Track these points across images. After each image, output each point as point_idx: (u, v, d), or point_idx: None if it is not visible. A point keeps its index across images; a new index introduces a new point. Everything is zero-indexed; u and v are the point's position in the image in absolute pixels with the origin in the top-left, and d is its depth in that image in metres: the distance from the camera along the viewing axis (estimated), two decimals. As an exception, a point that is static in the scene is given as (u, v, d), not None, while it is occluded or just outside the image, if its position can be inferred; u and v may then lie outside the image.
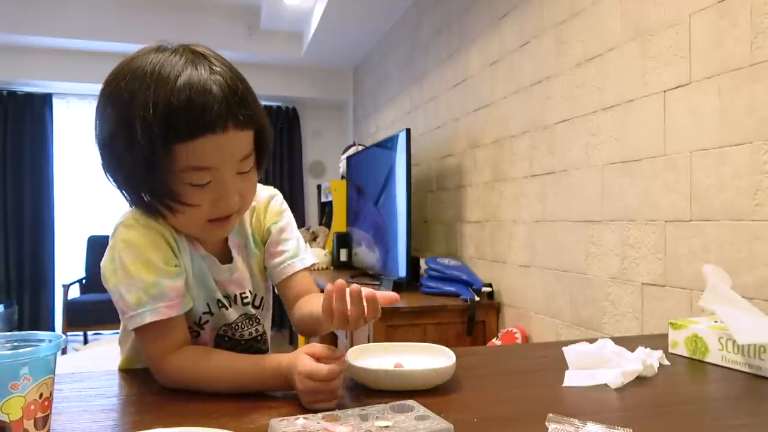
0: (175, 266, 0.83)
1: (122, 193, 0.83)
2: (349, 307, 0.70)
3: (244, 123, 0.77)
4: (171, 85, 0.73)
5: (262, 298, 0.98)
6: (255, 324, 0.96)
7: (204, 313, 0.89)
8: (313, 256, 1.01)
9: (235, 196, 0.80)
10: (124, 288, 0.79)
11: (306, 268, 0.98)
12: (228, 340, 0.92)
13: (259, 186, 0.95)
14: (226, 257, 0.92)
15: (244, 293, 0.94)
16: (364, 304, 0.71)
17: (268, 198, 0.99)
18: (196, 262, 0.87)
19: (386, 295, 0.74)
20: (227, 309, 0.91)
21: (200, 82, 0.74)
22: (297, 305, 0.95)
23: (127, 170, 0.78)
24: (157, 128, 0.73)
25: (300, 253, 0.97)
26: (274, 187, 1.02)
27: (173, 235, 0.84)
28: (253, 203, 0.94)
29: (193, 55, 0.77)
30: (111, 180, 0.82)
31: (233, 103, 0.76)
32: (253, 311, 0.96)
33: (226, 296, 0.91)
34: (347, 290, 0.70)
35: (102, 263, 0.82)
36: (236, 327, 0.93)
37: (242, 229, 0.95)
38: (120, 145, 0.77)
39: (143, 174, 0.76)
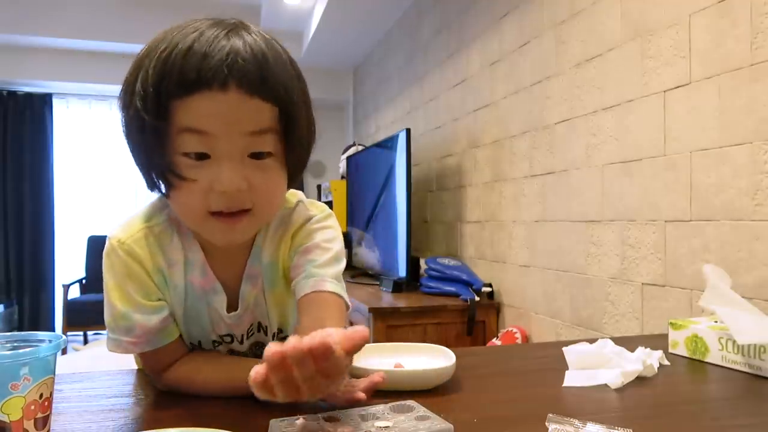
0: (158, 300, 0.74)
1: (142, 174, 0.72)
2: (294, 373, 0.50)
3: (256, 90, 0.64)
4: (183, 36, 0.64)
5: (278, 330, 0.84)
6: (262, 349, 0.82)
7: (191, 343, 0.81)
8: (344, 291, 0.78)
9: (238, 179, 0.65)
10: (105, 304, 0.74)
11: (321, 291, 0.74)
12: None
13: (310, 201, 0.81)
14: (234, 301, 0.79)
15: (263, 324, 0.82)
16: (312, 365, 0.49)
17: (307, 217, 0.80)
18: (192, 300, 0.77)
19: (350, 336, 0.49)
20: (221, 345, 0.82)
21: (212, 35, 0.64)
22: (305, 330, 0.70)
23: (130, 138, 0.68)
24: (153, 84, 0.63)
25: (320, 274, 0.76)
26: None
27: (165, 265, 0.75)
28: (283, 226, 0.79)
29: (227, 21, 0.68)
30: (133, 158, 0.71)
31: (246, 62, 0.63)
32: (262, 339, 0.84)
33: (227, 335, 0.81)
34: (285, 355, 0.48)
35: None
36: (240, 354, 0.84)
37: (263, 254, 0.78)
38: (124, 104, 0.67)
39: (142, 138, 0.66)
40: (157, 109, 0.63)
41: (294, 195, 0.82)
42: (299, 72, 0.72)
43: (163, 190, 0.70)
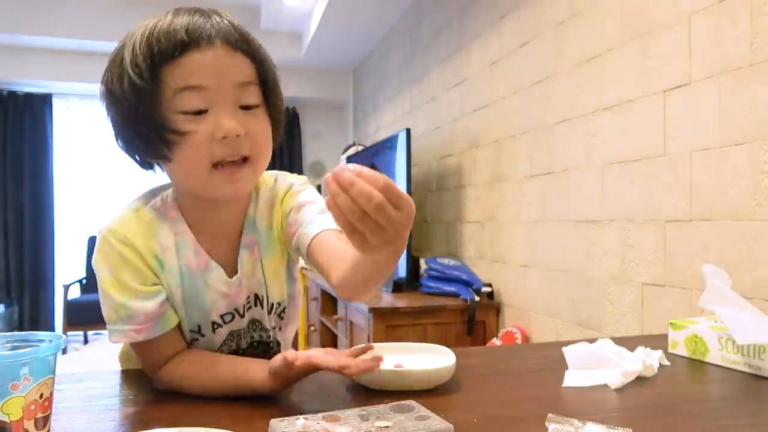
0: (153, 285, 0.77)
1: (132, 156, 0.78)
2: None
3: (238, 45, 0.73)
4: (162, 17, 0.72)
5: (276, 304, 0.88)
6: (261, 330, 0.87)
7: (192, 331, 0.83)
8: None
9: (237, 127, 0.71)
10: (101, 298, 0.77)
11: (330, 229, 0.80)
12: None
13: (285, 173, 0.90)
14: (233, 268, 0.83)
15: (260, 295, 0.86)
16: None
17: (289, 183, 0.88)
18: (187, 282, 0.80)
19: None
20: (222, 327, 0.84)
21: (190, 10, 0.73)
22: (329, 265, 0.76)
23: (124, 112, 0.73)
24: (143, 55, 0.70)
25: (318, 218, 0.82)
26: None
27: (159, 250, 0.78)
28: (272, 194, 0.86)
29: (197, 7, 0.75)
30: (118, 142, 0.77)
31: (222, 24, 0.73)
32: (264, 315, 0.87)
33: (228, 314, 0.84)
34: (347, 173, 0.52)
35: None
36: (238, 337, 0.86)
37: (257, 224, 0.84)
38: (115, 87, 0.72)
39: (136, 108, 0.71)
40: (151, 75, 0.70)
41: (271, 174, 0.89)
42: None
43: (161, 164, 0.77)
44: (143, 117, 0.71)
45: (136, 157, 0.78)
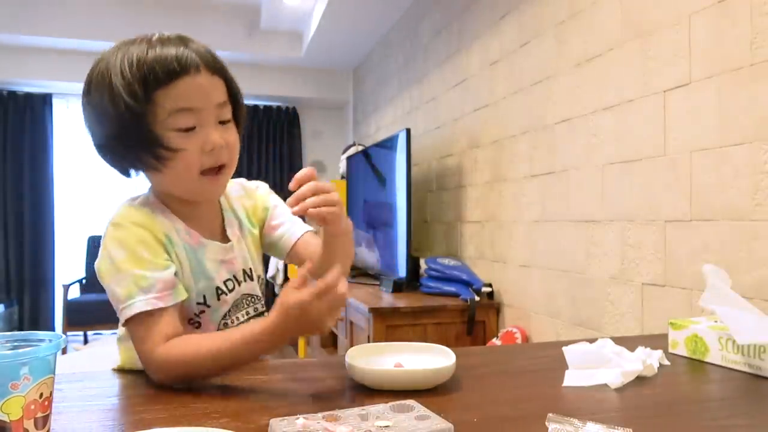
0: (165, 260, 0.86)
1: (117, 167, 0.89)
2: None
3: (214, 69, 0.86)
4: (145, 45, 0.82)
5: (259, 276, 1.02)
6: (255, 303, 0.99)
7: (198, 303, 0.91)
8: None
9: (221, 140, 0.86)
10: (115, 283, 0.82)
11: (309, 232, 1.03)
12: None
13: (245, 180, 1.07)
14: (224, 239, 0.96)
15: (247, 269, 0.98)
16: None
17: (256, 185, 1.08)
18: (191, 254, 0.90)
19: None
20: (226, 295, 0.93)
21: (170, 38, 0.84)
22: (311, 256, 0.96)
23: (116, 130, 0.83)
24: (137, 80, 0.80)
25: (298, 222, 1.04)
26: (274, 188, 1.09)
27: (165, 231, 0.88)
28: (242, 191, 1.03)
29: (168, 34, 0.86)
30: (105, 154, 0.88)
31: (201, 52, 0.85)
32: (255, 287, 1.00)
33: (229, 280, 0.94)
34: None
35: (96, 263, 0.85)
36: (236, 309, 0.95)
37: (236, 212, 1.01)
38: (106, 108, 0.82)
39: (131, 128, 0.81)
40: (145, 98, 0.80)
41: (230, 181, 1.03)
42: None
43: (146, 172, 0.88)
44: (138, 135, 0.82)
45: (122, 166, 0.89)
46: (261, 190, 1.07)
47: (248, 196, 1.04)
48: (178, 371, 0.78)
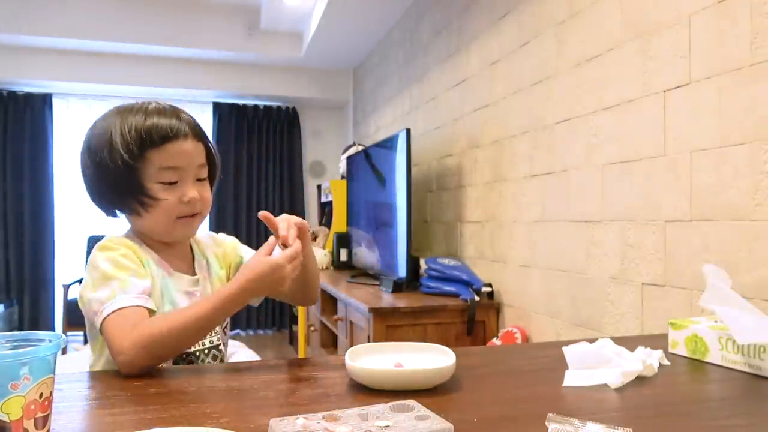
0: (145, 274, 0.98)
1: (104, 207, 1.04)
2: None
3: (199, 137, 1.04)
4: (142, 114, 0.99)
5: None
6: (211, 335, 1.07)
7: None
8: None
9: (197, 195, 1.02)
10: (101, 289, 0.93)
11: None
12: (186, 357, 1.02)
13: (214, 233, 1.23)
14: (192, 274, 1.10)
15: None
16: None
17: (224, 237, 1.24)
18: (161, 281, 1.03)
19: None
20: None
21: (165, 109, 1.01)
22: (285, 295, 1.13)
23: (111, 180, 0.98)
24: (134, 141, 0.97)
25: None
26: (274, 188, 1.17)
27: (143, 257, 1.01)
28: (211, 240, 1.19)
29: (161, 103, 1.03)
30: (98, 199, 1.03)
31: (191, 123, 1.03)
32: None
33: None
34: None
35: (80, 291, 0.96)
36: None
37: (205, 254, 1.15)
38: (105, 161, 0.97)
39: (124, 177, 0.97)
40: (140, 155, 0.98)
41: (202, 232, 1.19)
42: None
43: (128, 215, 1.04)
44: (129, 185, 0.98)
45: (110, 209, 1.05)
46: (229, 239, 1.22)
47: (217, 245, 1.19)
48: (153, 347, 0.85)
